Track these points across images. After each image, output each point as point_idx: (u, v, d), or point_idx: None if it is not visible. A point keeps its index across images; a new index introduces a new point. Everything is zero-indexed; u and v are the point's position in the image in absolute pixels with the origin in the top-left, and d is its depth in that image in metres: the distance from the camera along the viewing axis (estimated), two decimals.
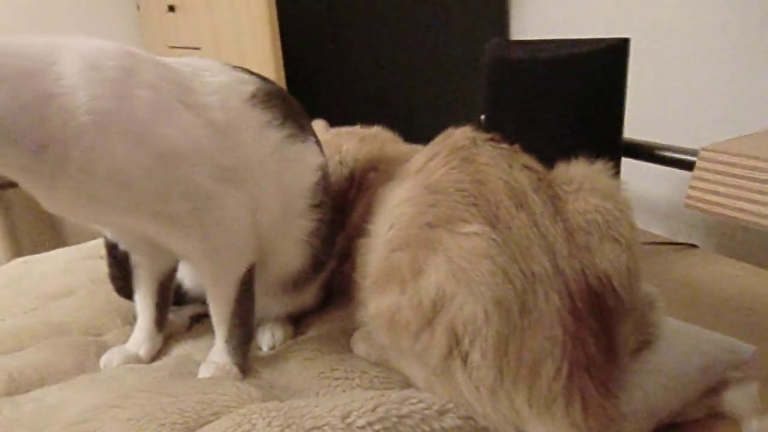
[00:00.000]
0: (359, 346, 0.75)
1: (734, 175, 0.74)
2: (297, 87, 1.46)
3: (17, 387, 0.73)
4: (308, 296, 0.85)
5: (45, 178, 0.61)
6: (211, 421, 0.59)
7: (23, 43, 0.61)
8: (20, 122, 0.58)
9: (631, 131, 1.06)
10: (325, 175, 0.81)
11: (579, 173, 0.73)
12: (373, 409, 0.57)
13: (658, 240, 1.18)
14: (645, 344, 0.70)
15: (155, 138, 0.63)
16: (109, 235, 0.82)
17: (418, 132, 1.01)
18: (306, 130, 0.80)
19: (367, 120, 1.09)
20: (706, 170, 0.77)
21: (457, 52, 1.66)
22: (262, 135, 0.73)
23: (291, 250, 0.79)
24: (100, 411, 0.64)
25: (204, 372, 0.72)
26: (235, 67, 0.76)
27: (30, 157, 0.59)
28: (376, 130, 1.02)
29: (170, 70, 0.69)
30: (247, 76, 0.76)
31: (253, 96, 0.73)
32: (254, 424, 0.56)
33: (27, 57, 0.59)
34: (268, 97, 0.75)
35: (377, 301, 0.66)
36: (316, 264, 0.82)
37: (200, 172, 0.66)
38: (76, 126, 0.59)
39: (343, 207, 0.96)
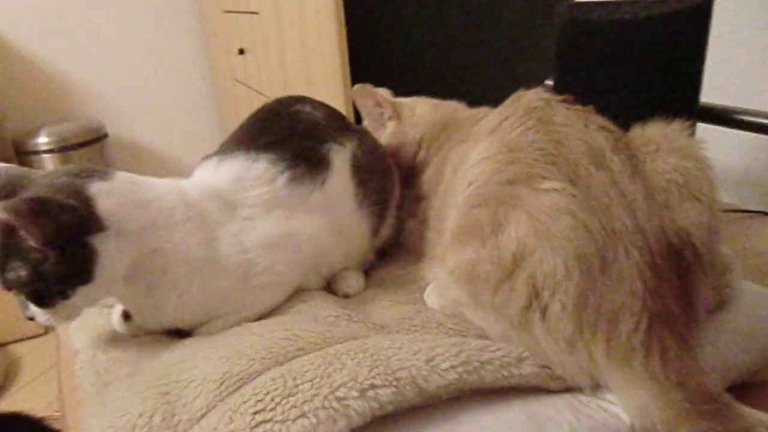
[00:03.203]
0: (433, 299, 0.78)
1: None
2: (359, 52, 1.47)
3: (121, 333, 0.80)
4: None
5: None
6: (298, 356, 0.64)
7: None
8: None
9: (705, 94, 1.04)
10: (357, 161, 0.85)
11: (656, 134, 0.73)
12: (456, 354, 0.60)
13: (729, 207, 1.16)
14: (720, 305, 0.71)
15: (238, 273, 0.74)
16: None
17: (479, 97, 1.02)
18: (336, 140, 0.83)
19: (428, 87, 1.10)
20: None
21: (518, 17, 1.63)
22: (307, 203, 0.80)
23: (360, 243, 0.88)
24: (194, 352, 0.70)
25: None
26: (265, 150, 0.79)
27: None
28: (452, 101, 1.04)
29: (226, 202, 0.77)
30: (268, 171, 0.78)
31: (289, 180, 0.79)
32: (344, 364, 0.59)
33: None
34: (297, 170, 0.79)
35: (457, 255, 0.68)
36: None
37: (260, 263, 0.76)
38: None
39: (411, 167, 0.98)
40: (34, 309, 0.69)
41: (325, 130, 0.84)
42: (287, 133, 0.81)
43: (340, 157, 0.83)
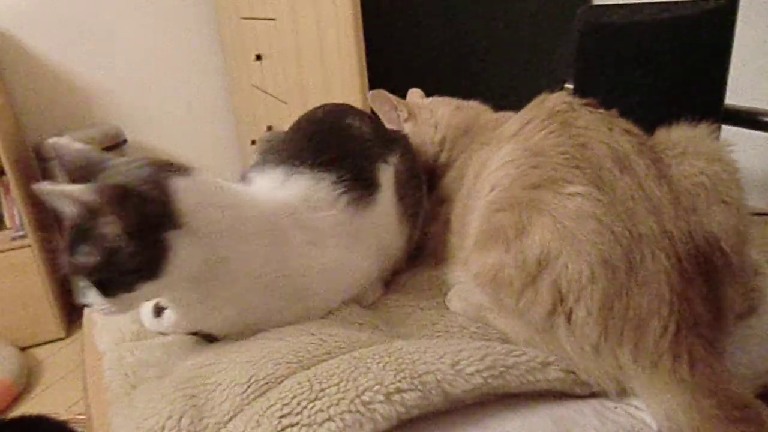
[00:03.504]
0: (455, 304, 0.78)
1: None
2: (376, 57, 1.47)
3: (146, 333, 0.81)
4: None
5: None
6: (324, 360, 0.64)
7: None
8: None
9: (730, 96, 1.02)
10: (399, 177, 0.85)
11: (682, 137, 0.72)
12: (482, 359, 0.60)
13: (754, 211, 1.14)
14: (749, 310, 0.70)
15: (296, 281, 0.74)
16: None
17: (497, 101, 1.01)
18: (383, 159, 0.84)
19: (446, 91, 1.10)
20: None
21: (538, 20, 1.63)
22: (359, 228, 0.79)
23: (398, 258, 0.89)
24: (220, 355, 0.70)
25: None
26: (322, 172, 0.79)
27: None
28: (473, 102, 1.03)
29: (301, 222, 0.76)
30: (330, 193, 0.78)
31: (347, 203, 0.78)
32: (369, 368, 0.59)
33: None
34: (354, 193, 0.79)
35: (480, 260, 0.68)
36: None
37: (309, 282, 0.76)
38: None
39: (432, 170, 0.98)
40: (93, 297, 0.66)
41: (374, 148, 0.84)
42: (343, 152, 0.81)
43: (387, 176, 0.83)
